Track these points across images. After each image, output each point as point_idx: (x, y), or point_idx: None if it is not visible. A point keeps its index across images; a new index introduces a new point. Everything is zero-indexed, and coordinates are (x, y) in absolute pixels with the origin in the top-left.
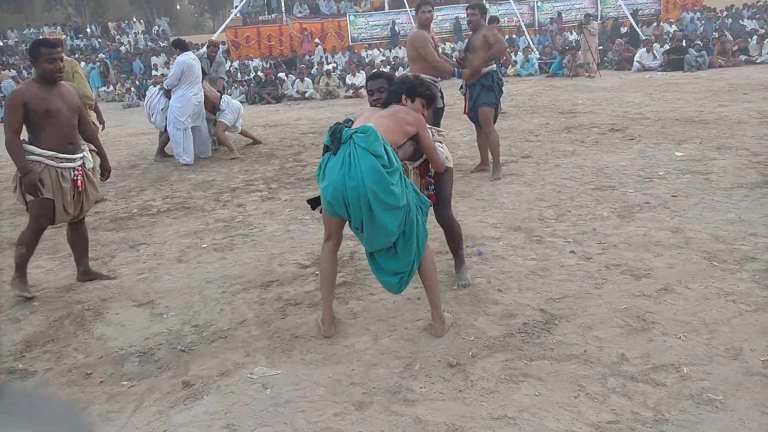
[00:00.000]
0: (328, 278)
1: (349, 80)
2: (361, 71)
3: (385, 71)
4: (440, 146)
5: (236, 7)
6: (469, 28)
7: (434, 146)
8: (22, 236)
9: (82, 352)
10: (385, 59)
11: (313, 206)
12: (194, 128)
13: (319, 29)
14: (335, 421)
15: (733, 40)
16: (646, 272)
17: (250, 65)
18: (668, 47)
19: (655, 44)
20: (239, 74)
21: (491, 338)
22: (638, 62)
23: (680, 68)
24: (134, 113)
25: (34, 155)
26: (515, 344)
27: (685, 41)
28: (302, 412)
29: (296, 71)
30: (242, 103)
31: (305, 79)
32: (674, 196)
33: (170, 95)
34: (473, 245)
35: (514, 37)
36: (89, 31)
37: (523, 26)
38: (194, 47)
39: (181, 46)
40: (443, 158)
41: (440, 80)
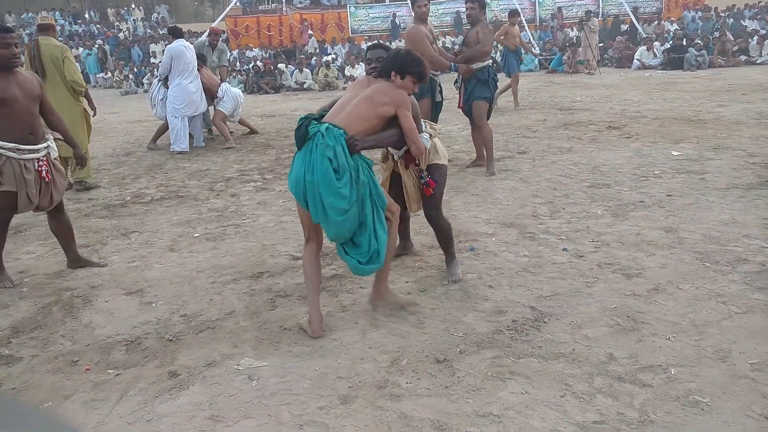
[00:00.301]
0: (312, 280)
1: (348, 72)
2: (360, 63)
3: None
4: (429, 139)
5: None
6: (468, 21)
7: (414, 128)
8: None
9: (69, 339)
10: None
11: None
12: (193, 117)
13: (319, 20)
14: (320, 414)
15: (733, 40)
16: (637, 272)
17: (249, 55)
18: (669, 46)
19: (655, 43)
20: (238, 63)
21: (480, 335)
22: (638, 60)
23: (680, 67)
24: (131, 100)
25: None
26: (504, 341)
27: (685, 40)
28: (287, 404)
29: (295, 61)
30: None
31: (304, 69)
32: (669, 195)
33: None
34: (466, 240)
35: None
36: (88, 16)
37: (523, 21)
38: (194, 35)
39: (174, 33)
40: (425, 145)
41: (440, 74)
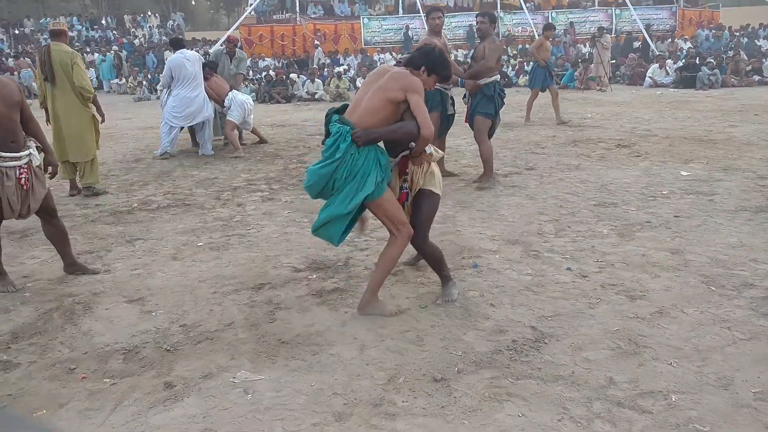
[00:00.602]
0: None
1: (359, 83)
2: None
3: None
4: (436, 174)
5: (251, 5)
6: (477, 36)
7: (424, 111)
8: None
9: (67, 346)
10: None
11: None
12: (198, 126)
13: (332, 31)
14: (313, 431)
15: (747, 59)
16: (641, 294)
17: (261, 64)
18: (681, 64)
19: (668, 61)
20: (251, 72)
21: (479, 354)
22: (650, 78)
23: (692, 86)
24: (144, 106)
25: None
26: (503, 361)
27: (698, 59)
28: (281, 420)
29: (307, 72)
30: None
31: (316, 80)
32: (676, 216)
33: None
34: (470, 257)
35: (527, 47)
36: (104, 23)
37: (536, 36)
38: (208, 43)
39: (175, 44)
40: (427, 121)
41: (451, 87)
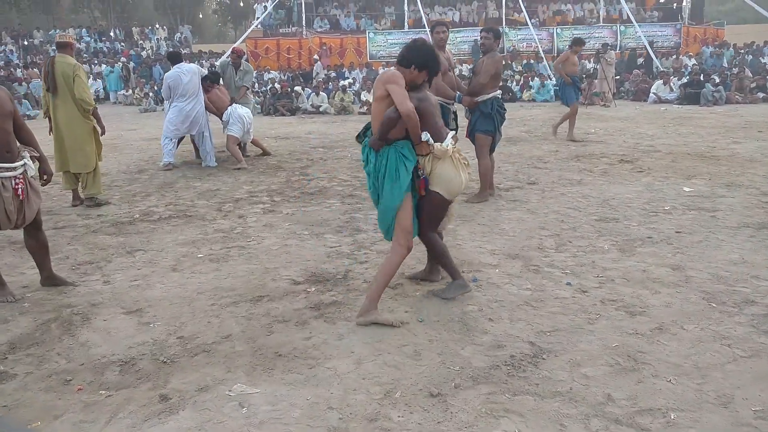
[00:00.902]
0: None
1: (363, 97)
2: None
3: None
4: (443, 177)
5: (258, 18)
6: (481, 51)
7: (400, 94)
8: None
9: (64, 357)
10: None
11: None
12: (199, 137)
13: (338, 44)
14: None
15: (752, 76)
16: (641, 310)
17: (266, 77)
18: (686, 81)
19: (672, 77)
20: (256, 85)
21: (476, 369)
22: (654, 94)
23: (697, 102)
24: (150, 117)
25: None
26: (500, 377)
27: (703, 76)
28: None
29: (312, 85)
30: (257, 114)
31: (320, 93)
32: (678, 232)
33: None
34: (469, 271)
35: (532, 62)
36: (113, 35)
37: (541, 52)
38: (215, 56)
39: (172, 58)
40: (444, 146)
41: (453, 103)
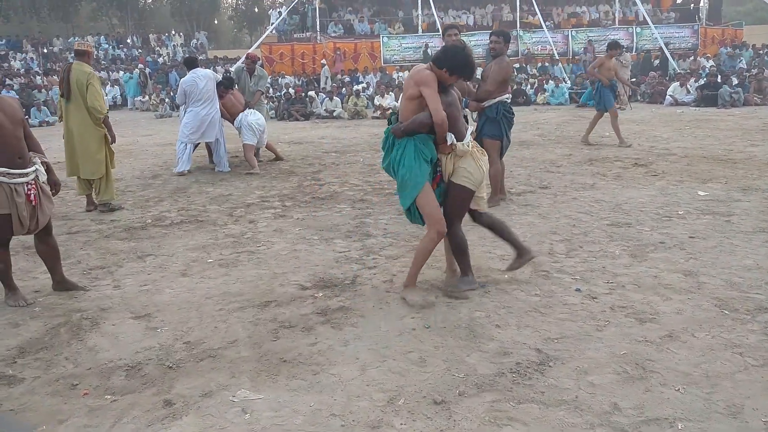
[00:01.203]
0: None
1: (377, 101)
2: (390, 93)
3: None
4: (467, 169)
5: (272, 24)
6: (492, 55)
7: (433, 98)
8: None
9: (72, 362)
10: None
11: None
12: (213, 143)
13: (352, 49)
14: None
15: None
16: (651, 316)
17: (281, 82)
18: (703, 82)
19: (689, 79)
20: (271, 90)
21: (481, 376)
22: (671, 96)
23: (714, 104)
24: (165, 123)
25: None
26: (505, 384)
27: (720, 77)
28: None
29: (321, 89)
30: (271, 119)
31: (334, 98)
32: (692, 237)
33: None
34: (478, 276)
35: (547, 65)
36: (130, 41)
37: (556, 54)
38: (229, 62)
39: (188, 64)
40: (462, 146)
41: (463, 107)
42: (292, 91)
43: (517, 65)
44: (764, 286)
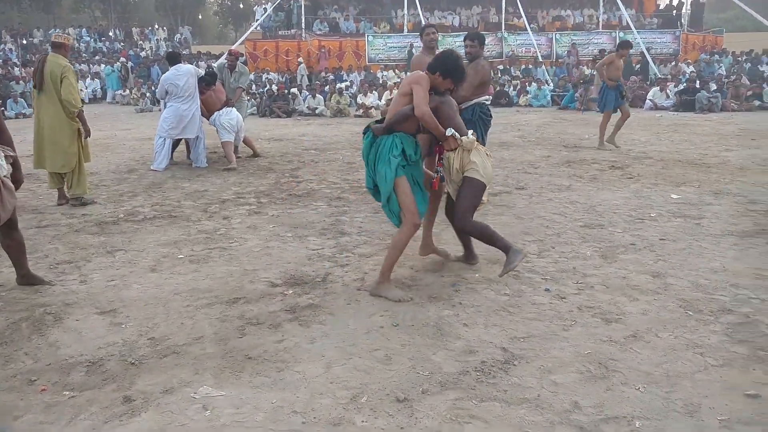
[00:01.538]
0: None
1: (360, 100)
2: (373, 92)
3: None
4: (478, 163)
5: (257, 20)
6: (467, 59)
7: (420, 96)
8: None
9: (32, 357)
10: (399, 81)
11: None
12: (192, 139)
13: (337, 47)
14: None
15: (749, 84)
16: (617, 317)
17: (265, 78)
18: (682, 87)
19: (669, 84)
20: (254, 86)
21: (446, 374)
22: (651, 100)
23: (692, 109)
24: (145, 117)
25: None
26: (469, 383)
27: (699, 83)
28: None
29: (310, 87)
30: (253, 115)
31: (317, 95)
32: (662, 239)
33: None
34: (449, 275)
35: (530, 67)
36: (113, 34)
37: (539, 57)
38: (213, 57)
39: (170, 59)
40: (466, 142)
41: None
42: (274, 87)
43: (501, 67)
44: (729, 288)
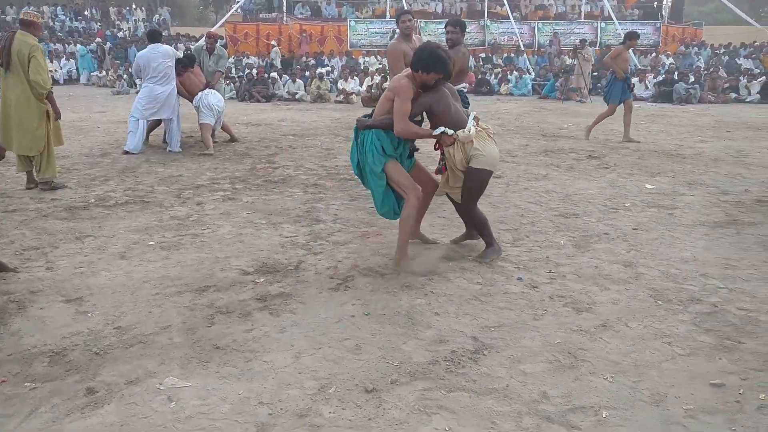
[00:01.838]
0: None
1: (340, 85)
2: (354, 77)
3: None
4: (471, 129)
5: (238, 2)
6: (448, 45)
7: (398, 111)
8: None
9: None
10: (381, 67)
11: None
12: (166, 121)
13: (318, 32)
14: None
15: (726, 76)
16: (588, 306)
17: (245, 62)
18: (661, 79)
19: (649, 75)
20: (234, 70)
21: (416, 364)
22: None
23: (670, 100)
24: (121, 100)
25: None
26: (438, 373)
27: (678, 74)
28: (201, 430)
29: (290, 72)
30: (232, 99)
31: (297, 80)
32: (635, 229)
33: None
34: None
35: (512, 56)
36: (89, 14)
37: (521, 46)
38: (192, 39)
39: (150, 37)
40: (467, 135)
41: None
42: (254, 72)
43: (483, 55)
44: (698, 277)
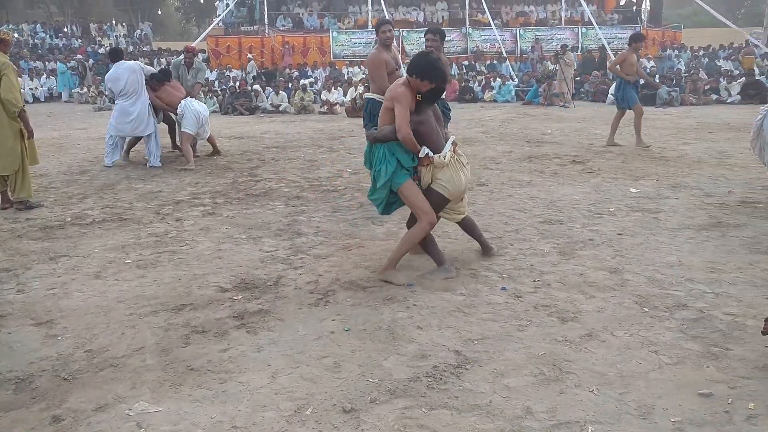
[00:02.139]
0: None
1: (324, 96)
2: (338, 88)
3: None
4: (443, 180)
5: (219, 15)
6: None
7: (400, 115)
8: None
9: None
10: (365, 77)
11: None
12: (146, 137)
13: (301, 43)
14: None
15: (707, 78)
16: (573, 315)
17: (228, 75)
18: (643, 82)
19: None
20: (216, 83)
21: (396, 381)
22: (612, 95)
23: (652, 103)
24: (103, 116)
25: None
26: (419, 390)
27: (658, 77)
28: None
29: (273, 84)
30: (215, 112)
31: (280, 92)
32: (620, 234)
33: None
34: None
35: (495, 63)
36: (69, 30)
37: (504, 52)
38: (173, 54)
39: (112, 56)
40: (439, 158)
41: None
42: (237, 84)
43: (466, 62)
44: (684, 282)
